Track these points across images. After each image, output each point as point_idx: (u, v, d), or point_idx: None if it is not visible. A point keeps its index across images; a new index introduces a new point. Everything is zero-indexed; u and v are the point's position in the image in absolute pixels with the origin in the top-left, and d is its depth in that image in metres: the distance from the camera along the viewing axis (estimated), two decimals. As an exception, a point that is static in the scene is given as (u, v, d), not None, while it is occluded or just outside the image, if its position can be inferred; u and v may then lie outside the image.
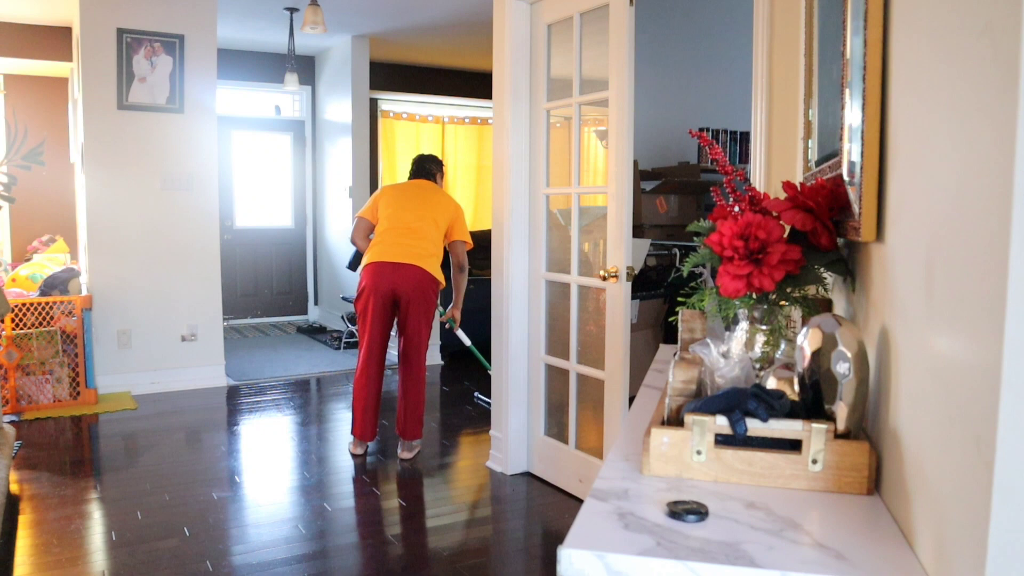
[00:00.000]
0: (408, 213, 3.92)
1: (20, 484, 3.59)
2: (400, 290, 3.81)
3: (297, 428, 4.56)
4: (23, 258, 6.42)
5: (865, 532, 0.94)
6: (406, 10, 6.26)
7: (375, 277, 3.81)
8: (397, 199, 3.99)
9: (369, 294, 3.83)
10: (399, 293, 3.82)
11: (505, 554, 3.06)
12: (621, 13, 3.08)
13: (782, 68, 2.34)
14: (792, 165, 2.21)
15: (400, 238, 3.86)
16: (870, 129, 1.11)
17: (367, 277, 3.84)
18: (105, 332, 5.15)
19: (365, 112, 7.36)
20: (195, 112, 5.35)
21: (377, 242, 3.89)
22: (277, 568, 2.80)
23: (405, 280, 3.80)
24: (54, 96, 6.82)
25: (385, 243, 3.86)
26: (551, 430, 3.72)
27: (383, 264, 3.81)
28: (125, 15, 5.09)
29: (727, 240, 1.22)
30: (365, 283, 3.85)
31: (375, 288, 3.81)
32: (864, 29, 1.12)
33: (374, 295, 3.81)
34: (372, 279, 3.82)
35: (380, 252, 3.84)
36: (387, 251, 3.83)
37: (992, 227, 0.67)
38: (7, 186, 4.13)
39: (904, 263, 0.98)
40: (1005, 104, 0.65)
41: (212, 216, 5.48)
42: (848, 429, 1.06)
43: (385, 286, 3.81)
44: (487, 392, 4.91)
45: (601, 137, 3.70)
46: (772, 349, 1.31)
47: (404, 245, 3.84)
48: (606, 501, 1.03)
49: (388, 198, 4.00)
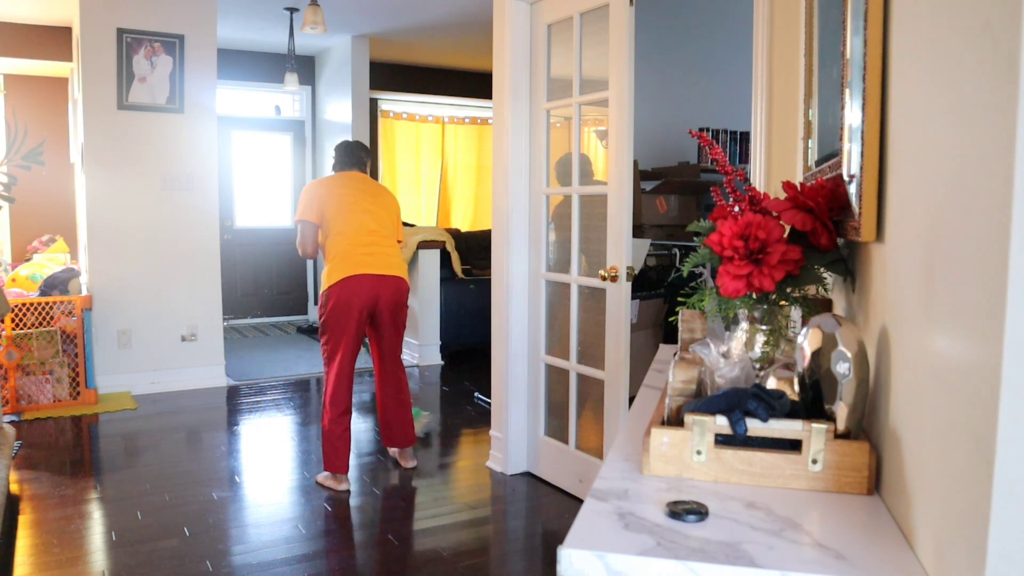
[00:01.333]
0: (365, 216, 3.55)
1: (20, 484, 3.59)
2: (382, 303, 3.53)
3: (297, 428, 4.56)
4: (23, 258, 6.42)
5: (865, 532, 0.94)
6: (406, 10, 6.26)
7: (355, 291, 3.45)
8: (344, 199, 3.56)
9: (349, 310, 3.45)
10: (380, 306, 3.53)
11: (505, 554, 3.06)
12: (621, 13, 3.08)
13: (782, 68, 2.34)
14: (792, 165, 2.21)
15: (371, 247, 3.52)
16: (870, 129, 1.11)
17: (345, 291, 3.44)
18: (105, 332, 5.15)
19: (365, 112, 7.37)
20: (195, 112, 5.35)
21: (346, 252, 3.48)
22: (277, 568, 2.80)
23: (387, 292, 3.52)
24: (54, 96, 6.82)
25: (358, 252, 3.49)
26: (551, 430, 3.72)
27: (363, 277, 3.46)
28: (125, 15, 5.09)
29: (727, 240, 1.22)
30: (342, 297, 3.44)
31: (357, 303, 3.45)
32: (864, 29, 1.12)
33: (356, 311, 3.46)
34: (352, 293, 3.44)
35: (357, 263, 3.47)
36: (364, 262, 3.48)
37: (992, 227, 0.67)
38: (7, 186, 4.13)
39: (904, 263, 0.98)
40: (1005, 104, 0.65)
41: (212, 216, 5.48)
42: (848, 429, 1.06)
43: (367, 300, 3.48)
44: (487, 392, 4.91)
45: (601, 137, 3.70)
46: (772, 349, 1.31)
47: (379, 255, 3.52)
48: (606, 501, 1.03)
49: (333, 198, 3.56)
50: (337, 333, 3.49)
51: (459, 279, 6.37)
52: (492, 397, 3.91)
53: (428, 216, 8.81)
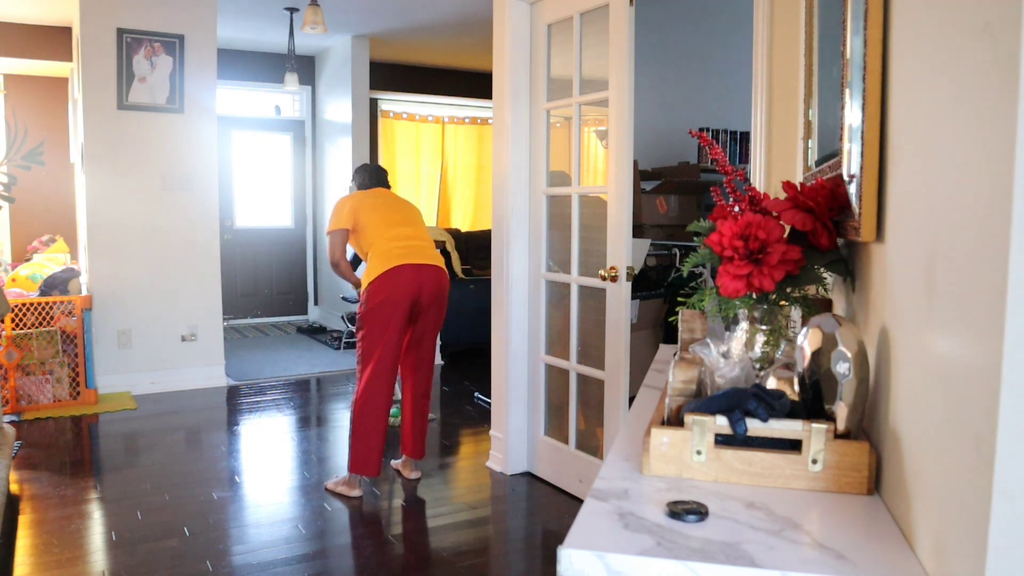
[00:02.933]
0: (398, 217, 3.55)
1: (20, 484, 3.59)
2: (424, 295, 3.41)
3: (297, 428, 4.56)
4: (23, 258, 6.42)
5: (865, 532, 0.94)
6: (406, 10, 6.26)
7: (398, 283, 3.34)
8: (378, 207, 3.55)
9: (394, 304, 3.34)
10: (423, 299, 3.42)
11: (505, 554, 3.06)
12: (621, 13, 3.08)
13: (782, 68, 2.34)
14: (792, 165, 2.21)
15: (410, 240, 3.46)
16: (870, 129, 1.11)
17: (388, 284, 3.33)
18: (105, 332, 5.15)
19: (365, 112, 7.37)
20: (195, 112, 5.35)
21: (386, 246, 3.42)
22: (277, 568, 2.80)
23: (429, 283, 3.41)
24: (54, 96, 6.82)
25: (396, 245, 3.42)
26: (551, 430, 3.72)
27: (404, 268, 3.35)
28: (125, 15, 5.09)
29: (727, 240, 1.22)
30: (387, 291, 3.33)
31: (401, 296, 3.34)
32: (864, 29, 1.12)
33: (400, 305, 3.34)
34: (395, 286, 3.33)
35: (398, 255, 3.38)
36: (404, 253, 3.40)
37: (992, 227, 0.67)
38: (7, 186, 4.13)
39: (904, 263, 0.98)
40: (1005, 104, 0.65)
41: (212, 216, 5.48)
42: (848, 429, 1.06)
43: (411, 292, 3.37)
44: (487, 392, 4.91)
45: (601, 137, 3.70)
46: (772, 349, 1.31)
47: (417, 248, 3.45)
48: (606, 501, 1.03)
49: (366, 207, 3.54)
50: (379, 329, 3.36)
51: (459, 279, 6.37)
52: (492, 397, 3.91)
53: (428, 216, 8.81)
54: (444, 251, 6.31)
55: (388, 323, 3.35)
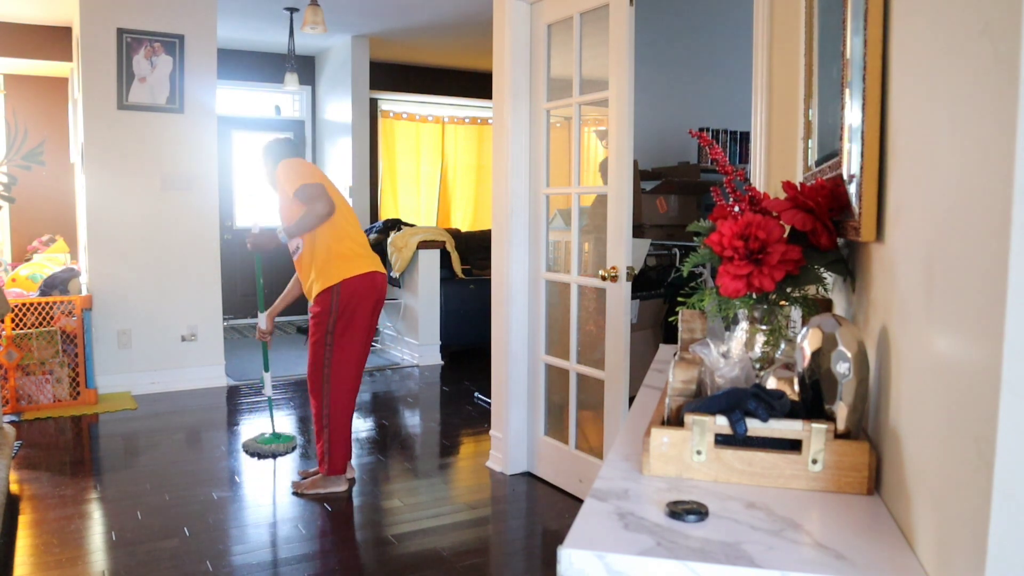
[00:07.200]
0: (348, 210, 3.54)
1: (20, 484, 3.59)
2: (380, 302, 3.51)
3: (297, 428, 4.56)
4: (23, 258, 6.42)
5: (865, 532, 0.94)
6: (406, 10, 6.26)
7: (374, 285, 3.42)
8: (335, 190, 3.51)
9: (369, 303, 3.42)
10: (380, 306, 3.52)
11: (505, 554, 3.06)
12: (621, 13, 3.08)
13: (782, 68, 2.34)
14: (792, 165, 2.21)
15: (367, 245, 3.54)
16: (870, 129, 1.11)
17: (366, 283, 3.38)
18: (105, 332, 5.15)
19: (365, 112, 7.37)
20: (195, 112, 5.35)
21: (360, 247, 3.46)
22: (277, 568, 2.80)
23: (384, 292, 3.53)
24: (54, 96, 6.82)
25: (366, 249, 3.49)
26: (551, 430, 3.72)
27: (378, 274, 3.46)
28: (125, 15, 5.09)
29: (727, 240, 1.22)
30: (364, 288, 3.38)
31: (375, 296, 3.44)
32: (864, 29, 1.12)
33: (371, 304, 3.43)
34: (372, 286, 3.41)
35: (371, 260, 3.47)
36: (375, 259, 3.50)
37: (992, 227, 0.67)
38: (7, 186, 4.13)
39: (904, 263, 0.98)
40: (1005, 104, 0.65)
41: (212, 216, 5.48)
42: (848, 429, 1.06)
43: (380, 297, 3.48)
44: (487, 392, 4.91)
45: (601, 137, 3.70)
46: (772, 349, 1.31)
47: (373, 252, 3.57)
48: (606, 501, 1.03)
49: (330, 186, 3.47)
50: (363, 328, 3.40)
51: (459, 279, 6.37)
52: (492, 397, 3.91)
53: (428, 216, 8.81)
54: (444, 251, 6.31)
55: (368, 322, 3.45)
